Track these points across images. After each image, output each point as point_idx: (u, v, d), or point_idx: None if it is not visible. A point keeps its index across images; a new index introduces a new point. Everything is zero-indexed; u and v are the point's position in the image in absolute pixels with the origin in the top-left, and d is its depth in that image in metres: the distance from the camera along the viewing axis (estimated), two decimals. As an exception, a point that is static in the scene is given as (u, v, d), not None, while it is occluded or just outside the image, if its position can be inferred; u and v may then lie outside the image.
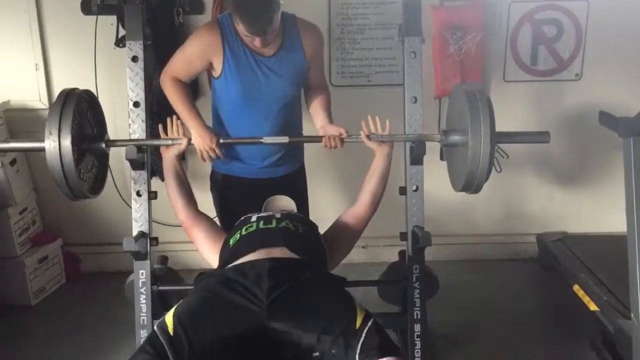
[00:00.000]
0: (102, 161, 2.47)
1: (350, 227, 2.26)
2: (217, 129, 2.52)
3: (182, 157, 2.44)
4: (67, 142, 2.10)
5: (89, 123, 2.36)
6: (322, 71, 2.63)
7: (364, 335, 1.62)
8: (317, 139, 2.42)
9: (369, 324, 1.65)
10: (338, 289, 1.86)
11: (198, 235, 2.21)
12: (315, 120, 2.52)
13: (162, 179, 2.48)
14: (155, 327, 1.66)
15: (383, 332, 1.66)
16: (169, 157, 2.37)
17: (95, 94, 2.46)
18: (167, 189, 2.35)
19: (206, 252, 2.18)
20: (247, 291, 1.71)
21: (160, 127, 2.40)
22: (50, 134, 2.10)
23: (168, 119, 2.40)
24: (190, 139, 2.37)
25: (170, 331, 1.61)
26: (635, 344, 2.31)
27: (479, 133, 2.09)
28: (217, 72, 2.41)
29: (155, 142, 2.47)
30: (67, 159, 2.11)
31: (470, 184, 2.21)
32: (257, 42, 2.25)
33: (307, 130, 2.68)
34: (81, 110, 2.26)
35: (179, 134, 2.37)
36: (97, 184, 2.44)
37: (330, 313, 1.67)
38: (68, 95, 2.19)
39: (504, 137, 2.26)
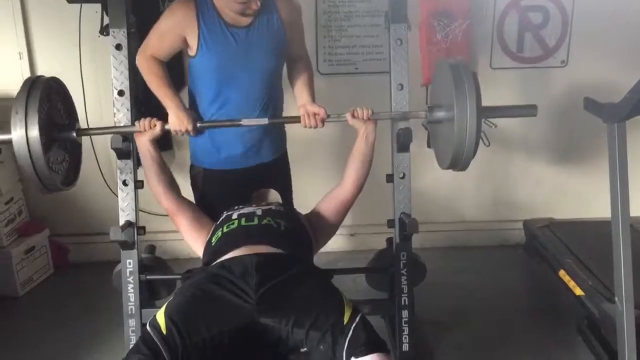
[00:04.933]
0: (75, 151, 2.36)
1: (334, 208, 2.24)
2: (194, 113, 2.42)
3: (159, 145, 2.37)
4: (34, 133, 1.98)
5: (59, 112, 2.26)
6: (302, 42, 2.53)
7: (351, 331, 1.61)
8: (297, 119, 2.36)
9: (357, 319, 1.64)
10: (326, 283, 1.85)
11: (182, 223, 2.20)
12: (297, 98, 2.45)
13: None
14: (147, 326, 1.64)
15: (370, 328, 1.66)
16: (142, 143, 2.29)
17: (80, 82, 2.43)
18: (146, 176, 2.30)
19: (190, 240, 2.18)
20: (236, 287, 1.69)
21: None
22: (17, 124, 1.99)
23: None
24: (164, 124, 2.29)
25: (164, 330, 1.59)
26: (619, 327, 2.34)
27: (464, 105, 2.04)
28: (193, 50, 2.31)
29: (128, 129, 2.39)
30: (35, 150, 2.00)
31: (457, 160, 2.15)
32: (253, 4, 2.20)
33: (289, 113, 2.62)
34: (49, 98, 2.15)
35: (151, 124, 2.28)
36: (71, 175, 2.33)
37: (318, 308, 1.66)
38: (33, 83, 2.07)
39: (490, 111, 2.24)
